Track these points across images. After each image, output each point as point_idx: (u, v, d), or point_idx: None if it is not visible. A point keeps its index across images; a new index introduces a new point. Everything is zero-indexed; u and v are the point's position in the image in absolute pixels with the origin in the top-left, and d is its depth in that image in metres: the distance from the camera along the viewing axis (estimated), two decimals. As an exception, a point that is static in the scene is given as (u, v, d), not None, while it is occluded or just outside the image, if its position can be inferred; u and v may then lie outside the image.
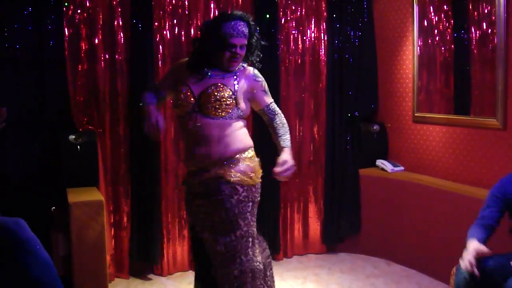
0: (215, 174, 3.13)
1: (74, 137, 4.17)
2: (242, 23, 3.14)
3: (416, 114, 5.04)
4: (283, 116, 3.41)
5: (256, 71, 3.34)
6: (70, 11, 4.29)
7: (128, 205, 4.62)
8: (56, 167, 4.20)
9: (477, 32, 4.47)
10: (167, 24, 4.59)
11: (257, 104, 3.35)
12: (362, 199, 5.35)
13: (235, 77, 3.23)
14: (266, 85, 3.36)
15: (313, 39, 5.17)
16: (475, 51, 4.55)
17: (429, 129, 4.91)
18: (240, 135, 3.21)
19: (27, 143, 4.18)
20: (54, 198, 4.14)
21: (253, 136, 3.47)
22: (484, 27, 4.37)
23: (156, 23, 4.54)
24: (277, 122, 3.36)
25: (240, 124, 3.23)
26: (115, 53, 4.47)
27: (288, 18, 5.08)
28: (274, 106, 3.39)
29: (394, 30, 5.25)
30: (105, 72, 4.46)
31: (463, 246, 4.16)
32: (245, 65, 3.31)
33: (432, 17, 4.87)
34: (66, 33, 4.28)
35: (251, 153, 3.25)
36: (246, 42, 3.18)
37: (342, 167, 5.32)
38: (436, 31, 4.88)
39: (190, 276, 4.74)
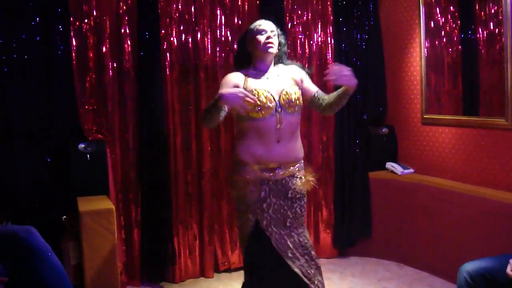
0: (290, 172, 3.46)
1: (83, 146, 4.19)
2: (266, 20, 3.52)
3: (424, 116, 5.03)
4: None
5: (295, 64, 3.67)
6: (78, 21, 4.31)
7: (139, 213, 4.63)
8: (66, 176, 4.21)
9: (484, 32, 4.45)
10: (174, 31, 4.61)
11: (307, 91, 3.61)
12: (372, 202, 5.33)
13: (285, 71, 3.54)
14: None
15: (319, 43, 5.18)
16: (482, 52, 4.54)
17: (438, 131, 4.90)
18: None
19: (36, 153, 4.19)
20: (65, 207, 4.15)
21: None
22: (491, 27, 4.35)
23: (163, 31, 4.56)
24: (328, 95, 3.66)
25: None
26: (122, 61, 4.48)
27: (295, 23, 5.09)
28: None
29: (400, 32, 5.24)
30: (113, 80, 4.47)
31: (474, 247, 4.16)
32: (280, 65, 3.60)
33: (439, 18, 4.87)
34: (74, 43, 4.30)
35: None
36: (275, 30, 3.48)
37: (351, 171, 5.31)
38: (443, 32, 4.87)
39: (202, 282, 4.77)
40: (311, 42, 5.15)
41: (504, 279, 3.02)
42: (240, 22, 4.82)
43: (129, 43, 4.49)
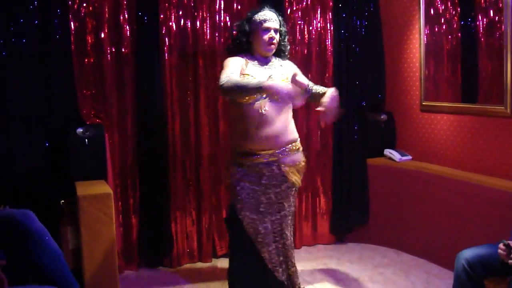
0: (272, 156, 3.50)
1: (82, 130, 4.18)
2: (271, 11, 3.62)
3: (423, 103, 5.03)
4: None
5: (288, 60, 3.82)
6: (76, 5, 4.29)
7: (137, 198, 4.64)
8: (64, 160, 4.21)
9: (484, 20, 4.44)
10: (172, 16, 4.59)
11: (301, 84, 3.76)
12: (370, 189, 5.35)
13: (281, 66, 3.68)
14: None
15: (319, 29, 5.16)
16: (482, 39, 4.52)
17: (437, 118, 4.90)
18: (293, 124, 3.64)
19: (35, 137, 4.18)
20: (63, 191, 4.15)
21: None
22: (491, 15, 4.34)
23: (161, 15, 4.54)
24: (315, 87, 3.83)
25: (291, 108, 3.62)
26: (121, 46, 4.47)
27: (294, 9, 5.06)
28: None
29: (400, 19, 5.23)
30: (112, 65, 4.46)
31: (471, 234, 4.18)
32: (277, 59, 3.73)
33: (439, 5, 4.85)
34: (72, 27, 4.28)
35: (299, 144, 3.66)
36: (278, 27, 3.62)
37: (350, 157, 5.31)
38: (442, 19, 4.86)
39: (199, 267, 4.78)
40: (310, 28, 5.12)
41: (502, 266, 3.04)
42: (239, 7, 4.79)
43: (127, 28, 4.47)
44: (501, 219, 3.89)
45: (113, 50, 4.46)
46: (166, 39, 4.58)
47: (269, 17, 3.55)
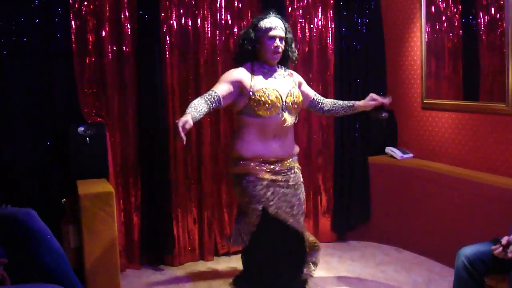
0: (286, 165, 3.66)
1: (83, 129, 4.18)
2: (277, 18, 3.61)
3: (424, 101, 5.02)
4: None
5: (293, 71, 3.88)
6: (77, 3, 4.29)
7: (138, 196, 4.64)
8: (66, 159, 4.21)
9: (486, 17, 4.44)
10: (173, 14, 4.59)
11: (306, 96, 3.85)
12: (371, 187, 5.34)
13: (288, 75, 3.73)
14: None
15: (320, 27, 5.15)
16: (483, 37, 4.52)
17: (438, 116, 4.89)
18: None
19: (36, 135, 4.18)
20: (64, 190, 4.15)
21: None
22: (493, 12, 4.34)
23: (162, 14, 4.53)
24: (329, 100, 3.95)
25: None
26: (122, 44, 4.46)
27: (295, 7, 5.06)
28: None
29: (401, 16, 5.22)
30: (113, 64, 4.46)
31: (472, 232, 4.17)
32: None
33: (440, 3, 4.84)
34: (73, 26, 4.28)
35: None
36: (284, 35, 3.60)
37: (351, 155, 5.31)
38: (444, 17, 4.85)
39: (201, 265, 4.78)
40: (311, 26, 5.12)
41: (501, 262, 3.04)
42: (240, 5, 4.79)
43: (128, 26, 4.47)
44: (502, 216, 3.89)
45: (114, 48, 4.46)
46: (167, 38, 4.58)
47: (275, 25, 3.54)
